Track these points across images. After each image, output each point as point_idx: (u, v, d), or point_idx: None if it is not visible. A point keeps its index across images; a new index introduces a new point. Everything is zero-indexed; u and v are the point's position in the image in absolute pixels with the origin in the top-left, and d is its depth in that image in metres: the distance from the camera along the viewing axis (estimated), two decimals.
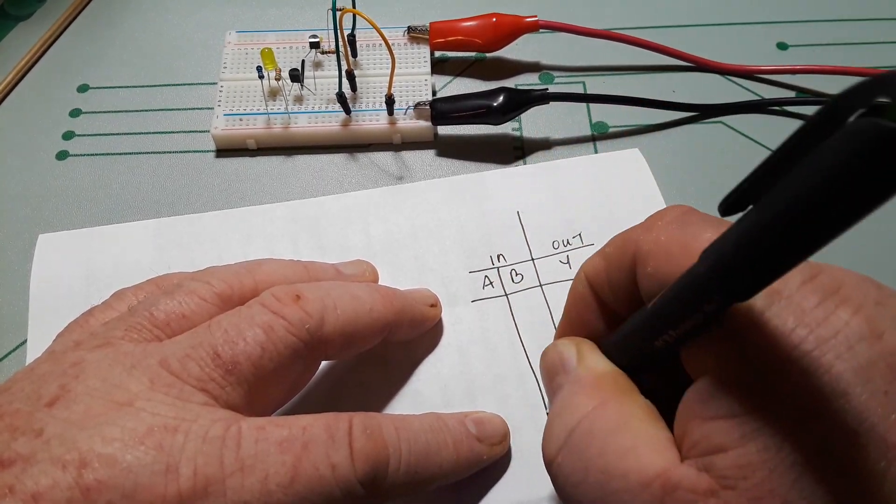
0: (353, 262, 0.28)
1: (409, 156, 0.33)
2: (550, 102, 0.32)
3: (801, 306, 0.15)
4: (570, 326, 0.21)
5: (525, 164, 0.32)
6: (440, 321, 0.27)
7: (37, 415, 0.18)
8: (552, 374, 0.20)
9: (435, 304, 0.27)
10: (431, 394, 0.26)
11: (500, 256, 0.29)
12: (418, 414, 0.22)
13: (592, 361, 0.19)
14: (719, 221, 0.17)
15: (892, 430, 0.13)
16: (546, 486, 0.24)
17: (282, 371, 0.20)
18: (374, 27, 0.29)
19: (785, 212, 0.12)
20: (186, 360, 0.19)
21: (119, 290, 0.24)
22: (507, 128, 0.34)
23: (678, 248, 0.17)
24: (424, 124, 0.32)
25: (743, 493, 0.14)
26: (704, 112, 0.34)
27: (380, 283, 0.28)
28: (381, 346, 0.25)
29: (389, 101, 0.32)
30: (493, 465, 0.24)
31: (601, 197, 0.30)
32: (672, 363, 0.17)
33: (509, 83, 0.35)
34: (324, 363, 0.25)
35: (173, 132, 0.34)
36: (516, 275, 0.28)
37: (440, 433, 0.22)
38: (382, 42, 0.29)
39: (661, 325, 0.16)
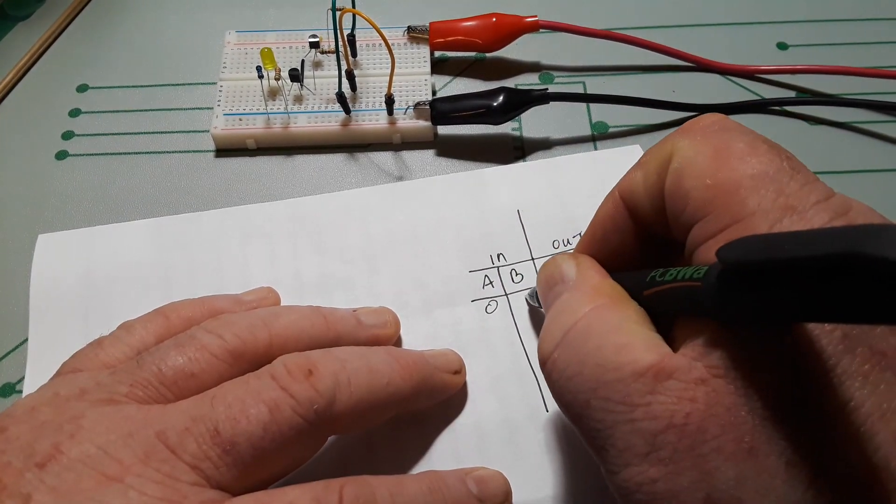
0: (377, 310, 0.26)
1: (409, 156, 0.33)
2: (550, 102, 0.32)
3: (812, 222, 0.15)
4: (590, 244, 0.21)
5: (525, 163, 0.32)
6: (440, 322, 0.27)
7: (27, 475, 0.18)
8: (550, 285, 0.20)
9: (459, 371, 0.25)
10: None
11: (500, 256, 0.29)
12: (415, 474, 0.22)
13: (590, 273, 0.20)
14: (752, 134, 0.17)
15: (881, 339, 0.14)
16: (546, 486, 0.24)
17: (283, 450, 0.20)
18: (374, 27, 0.29)
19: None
20: (185, 435, 0.19)
21: (126, 323, 0.24)
22: (506, 128, 0.34)
23: (711, 151, 0.17)
24: (424, 124, 0.32)
25: (731, 382, 0.15)
26: (704, 112, 0.34)
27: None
28: None
29: (389, 100, 0.32)
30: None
31: (602, 195, 0.30)
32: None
33: (509, 83, 0.35)
34: None
35: (173, 132, 0.34)
36: (516, 274, 0.28)
37: (439, 495, 0.21)
38: (382, 42, 0.29)
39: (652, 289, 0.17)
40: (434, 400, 0.25)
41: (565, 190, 0.30)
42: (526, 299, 0.28)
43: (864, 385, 0.14)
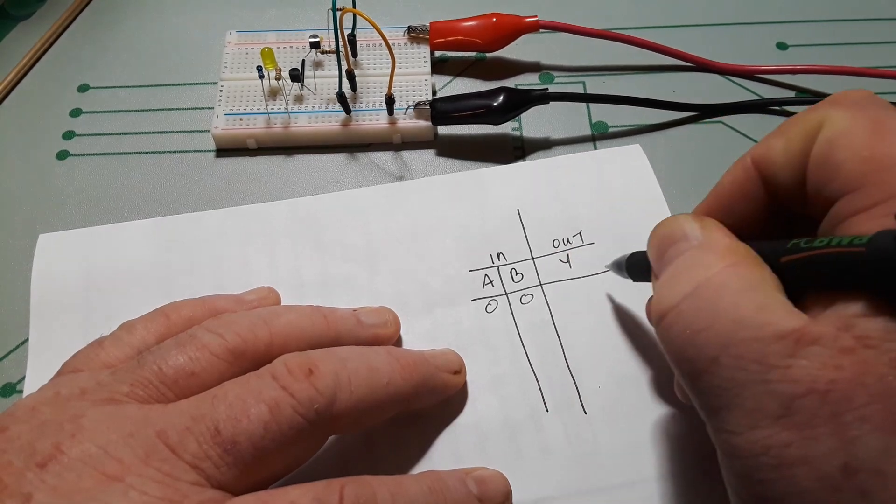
0: (377, 309, 0.26)
1: (409, 155, 0.33)
2: (550, 102, 0.32)
3: None
4: (711, 211, 0.21)
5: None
6: (440, 322, 0.27)
7: (27, 475, 0.18)
8: (668, 243, 0.19)
9: (459, 371, 0.25)
10: None
11: (500, 255, 0.29)
12: (416, 474, 0.22)
13: (718, 234, 0.19)
14: None
15: None
16: (546, 486, 0.24)
17: (284, 450, 0.20)
18: (375, 27, 0.29)
19: None
20: (186, 435, 0.19)
21: (127, 322, 0.24)
22: (507, 128, 0.34)
23: (868, 124, 0.17)
24: (424, 124, 0.33)
25: (884, 353, 0.14)
26: (704, 112, 0.34)
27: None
28: None
29: (389, 100, 0.32)
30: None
31: (602, 194, 0.30)
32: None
33: (509, 83, 0.35)
34: None
35: (173, 132, 0.34)
36: (516, 274, 0.28)
37: (439, 495, 0.21)
38: (382, 42, 0.29)
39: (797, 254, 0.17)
40: (434, 400, 0.25)
41: (565, 189, 0.30)
42: (610, 268, 0.27)
43: None
